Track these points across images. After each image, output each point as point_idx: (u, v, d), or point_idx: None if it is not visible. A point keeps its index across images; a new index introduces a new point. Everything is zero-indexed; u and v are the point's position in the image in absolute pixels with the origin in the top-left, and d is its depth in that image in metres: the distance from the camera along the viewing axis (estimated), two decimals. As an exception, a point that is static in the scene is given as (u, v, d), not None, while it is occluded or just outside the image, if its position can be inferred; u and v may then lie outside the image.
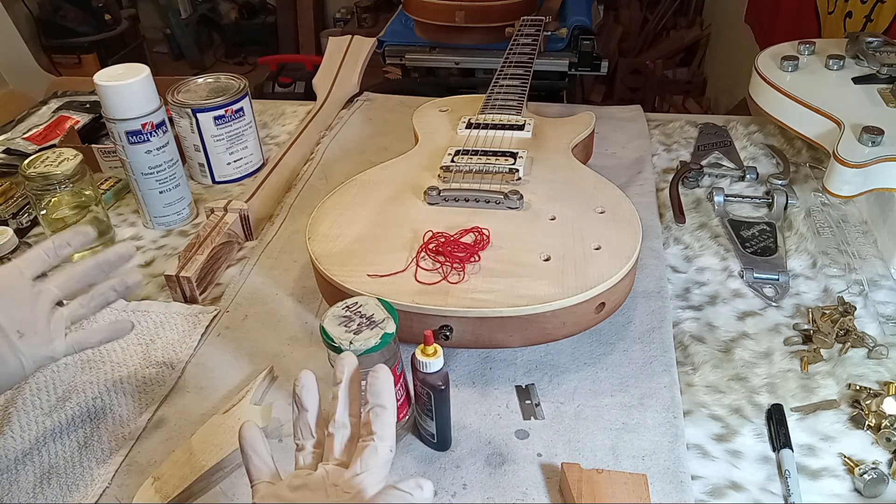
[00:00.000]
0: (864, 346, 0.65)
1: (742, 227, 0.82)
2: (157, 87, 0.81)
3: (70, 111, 1.09)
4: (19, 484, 0.55)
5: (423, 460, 0.57)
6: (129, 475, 0.56)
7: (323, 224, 0.70)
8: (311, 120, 1.06)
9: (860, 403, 0.59)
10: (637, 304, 0.71)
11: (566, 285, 0.61)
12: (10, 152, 1.01)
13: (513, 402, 0.61)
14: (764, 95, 0.91)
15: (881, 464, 0.55)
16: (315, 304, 0.73)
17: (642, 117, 1.07)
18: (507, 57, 1.05)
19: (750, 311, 0.71)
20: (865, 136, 0.74)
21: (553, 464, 0.56)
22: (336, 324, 0.51)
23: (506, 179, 0.75)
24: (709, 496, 0.54)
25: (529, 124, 0.86)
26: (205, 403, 0.62)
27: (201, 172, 0.95)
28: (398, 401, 0.55)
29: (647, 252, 0.77)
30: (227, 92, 0.92)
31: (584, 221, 0.69)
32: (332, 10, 3.57)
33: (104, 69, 0.79)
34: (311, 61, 2.49)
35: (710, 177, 0.92)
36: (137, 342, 0.68)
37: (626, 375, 0.63)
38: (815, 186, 0.89)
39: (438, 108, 0.93)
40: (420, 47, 1.75)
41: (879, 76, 0.87)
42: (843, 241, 0.80)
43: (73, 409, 0.61)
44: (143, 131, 0.80)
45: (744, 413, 0.60)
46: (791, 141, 0.98)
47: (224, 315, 0.72)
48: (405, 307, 0.60)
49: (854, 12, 1.33)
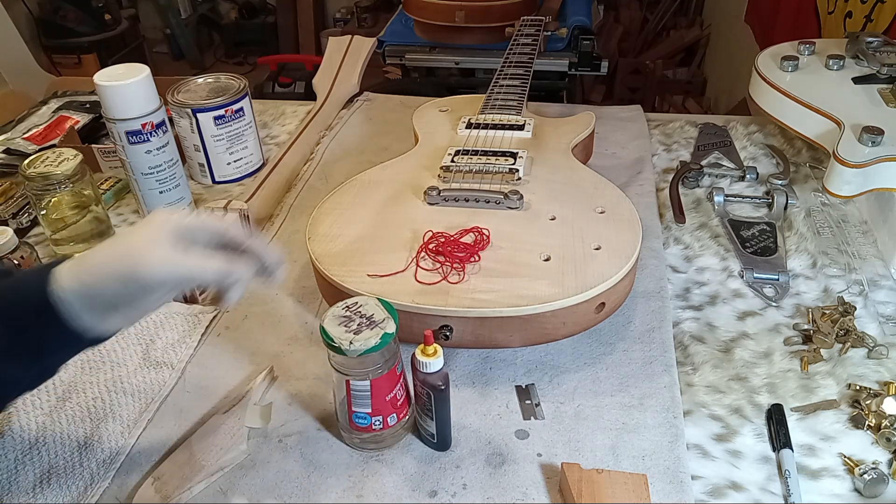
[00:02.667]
0: (864, 346, 0.65)
1: (742, 227, 0.82)
2: (157, 87, 0.81)
3: (70, 111, 1.09)
4: (19, 484, 0.55)
5: (423, 460, 0.57)
6: (129, 475, 0.56)
7: (323, 224, 0.70)
8: (311, 120, 1.06)
9: (860, 403, 0.59)
10: (637, 304, 0.71)
11: (566, 285, 0.61)
12: (10, 152, 1.01)
13: (513, 402, 0.61)
14: (764, 95, 0.91)
15: (881, 464, 0.55)
16: (315, 304, 0.73)
17: (642, 117, 1.07)
18: (507, 57, 1.05)
19: (750, 311, 0.71)
20: (865, 136, 0.74)
21: (553, 464, 0.56)
22: (336, 324, 0.51)
23: (506, 179, 0.75)
24: (709, 496, 0.54)
25: (529, 124, 0.86)
26: (205, 403, 0.62)
27: (201, 172, 0.95)
28: (398, 401, 0.55)
29: (647, 252, 0.77)
30: (227, 92, 0.92)
31: (584, 221, 0.69)
32: (332, 10, 3.57)
33: (104, 69, 0.79)
34: (311, 61, 2.49)
35: (710, 177, 0.92)
36: (137, 342, 0.68)
37: (626, 375, 0.63)
38: (815, 186, 0.89)
39: (438, 108, 0.93)
40: (420, 47, 1.75)
41: (879, 76, 0.87)
42: (843, 241, 0.80)
43: (73, 409, 0.61)
44: (143, 131, 0.80)
45: (744, 413, 0.60)
46: (791, 141, 0.98)
47: (224, 315, 0.72)
48: (405, 307, 0.60)
49: (854, 12, 1.33)
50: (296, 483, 0.55)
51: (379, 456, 0.57)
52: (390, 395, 0.54)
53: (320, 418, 0.60)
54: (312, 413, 0.61)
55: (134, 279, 0.45)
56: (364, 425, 0.55)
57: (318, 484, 0.55)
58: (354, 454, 0.57)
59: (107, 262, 0.46)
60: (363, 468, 0.56)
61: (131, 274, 0.45)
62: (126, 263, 0.45)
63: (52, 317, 0.45)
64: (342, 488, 0.54)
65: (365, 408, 0.54)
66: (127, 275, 0.45)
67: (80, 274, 0.45)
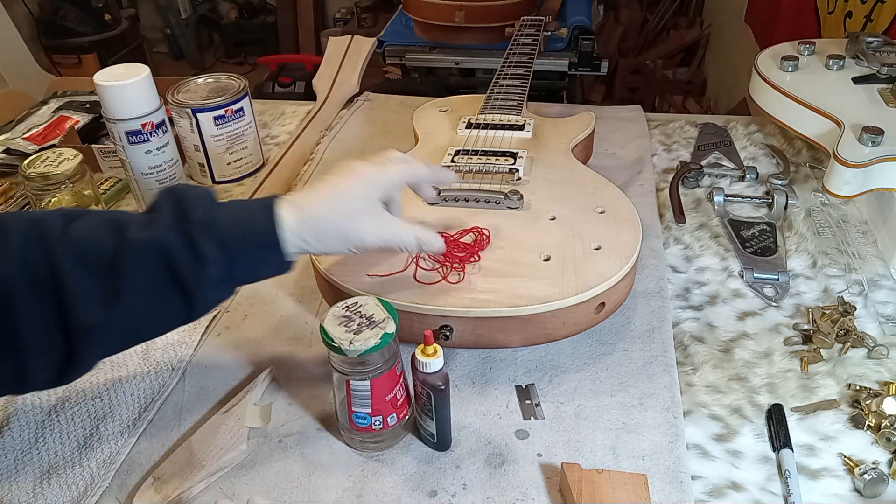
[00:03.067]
0: (864, 346, 0.65)
1: (742, 227, 0.82)
2: (157, 87, 0.81)
3: (70, 111, 1.09)
4: (19, 484, 0.55)
5: (423, 460, 0.57)
6: (129, 475, 0.56)
7: (323, 224, 0.70)
8: (311, 120, 1.06)
9: (860, 403, 0.59)
10: (637, 304, 0.71)
11: (566, 285, 0.61)
12: (10, 152, 1.01)
13: (513, 402, 0.61)
14: (764, 95, 0.91)
15: (881, 464, 0.55)
16: (315, 304, 0.73)
17: (642, 117, 1.07)
18: (507, 57, 1.05)
19: (750, 311, 0.71)
20: (865, 136, 0.74)
21: (553, 464, 0.56)
22: (336, 324, 0.51)
23: (506, 179, 0.75)
24: (709, 496, 0.54)
25: (529, 124, 0.86)
26: (205, 403, 0.62)
27: (201, 172, 0.95)
28: (398, 401, 0.55)
29: (647, 252, 0.77)
30: (227, 92, 0.92)
31: (584, 221, 0.69)
32: (332, 10, 3.57)
33: (104, 69, 0.79)
34: (311, 61, 2.49)
35: (710, 177, 0.92)
36: (137, 342, 0.68)
37: (626, 375, 0.63)
38: (815, 186, 0.89)
39: (438, 108, 0.93)
40: (420, 47, 1.75)
41: (879, 76, 0.87)
42: (843, 241, 0.80)
43: (73, 409, 0.61)
44: (143, 131, 0.80)
45: (744, 413, 0.60)
46: (791, 141, 0.98)
47: (224, 315, 0.72)
48: (405, 307, 0.60)
49: (854, 12, 1.33)
50: (296, 483, 0.55)
51: (379, 456, 0.57)
52: (390, 395, 0.54)
53: (320, 418, 0.60)
54: (312, 413, 0.61)
55: (351, 242, 0.54)
56: (364, 425, 0.55)
57: (318, 484, 0.55)
58: (354, 454, 0.57)
59: (330, 229, 0.53)
60: (363, 468, 0.56)
61: (349, 239, 0.54)
62: (345, 230, 0.54)
63: (271, 254, 0.51)
64: (342, 488, 0.54)
65: (365, 408, 0.54)
66: (345, 238, 0.54)
67: (305, 233, 0.52)
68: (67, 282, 0.45)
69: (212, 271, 0.49)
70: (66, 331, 0.46)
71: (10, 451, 0.58)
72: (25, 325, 0.45)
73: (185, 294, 0.49)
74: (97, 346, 0.48)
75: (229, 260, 0.49)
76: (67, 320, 0.46)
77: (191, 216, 0.49)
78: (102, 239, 0.47)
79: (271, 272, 0.53)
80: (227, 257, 0.49)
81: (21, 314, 0.45)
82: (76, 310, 0.46)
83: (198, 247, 0.48)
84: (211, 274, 0.49)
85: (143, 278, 0.47)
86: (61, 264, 0.46)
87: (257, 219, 0.51)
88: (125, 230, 0.48)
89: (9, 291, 0.45)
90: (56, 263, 0.46)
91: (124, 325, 0.48)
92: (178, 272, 0.48)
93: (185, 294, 0.49)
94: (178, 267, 0.48)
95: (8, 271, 0.45)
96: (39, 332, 0.46)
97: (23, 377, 0.47)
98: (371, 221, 0.55)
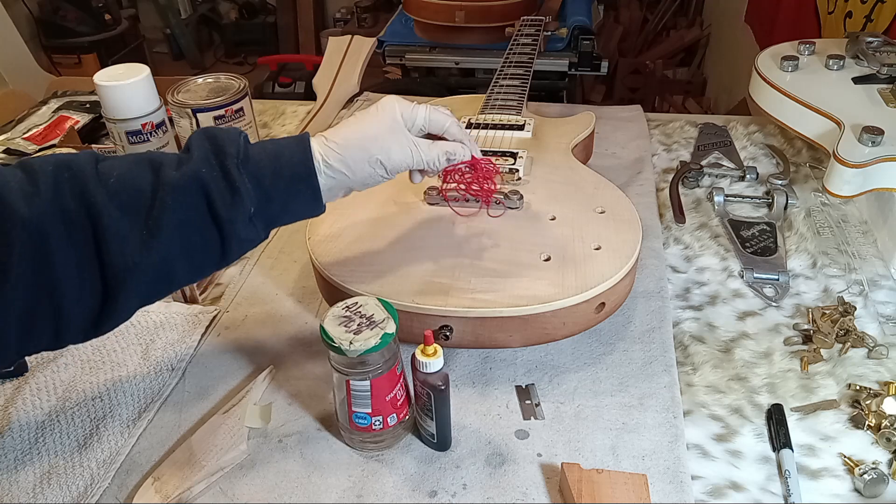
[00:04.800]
0: (864, 346, 0.65)
1: (742, 227, 0.82)
2: (157, 87, 0.81)
3: (70, 111, 1.09)
4: (19, 484, 0.55)
5: (423, 460, 0.57)
6: (129, 475, 0.56)
7: (323, 224, 0.70)
8: (311, 120, 1.06)
9: (860, 403, 0.59)
10: (637, 304, 0.71)
11: (566, 285, 0.61)
12: (10, 152, 1.01)
13: (513, 402, 0.61)
14: (764, 95, 0.91)
15: (881, 464, 0.55)
16: (315, 304, 0.73)
17: (642, 117, 1.07)
18: (507, 57, 1.05)
19: (750, 311, 0.71)
20: (865, 136, 0.74)
21: (553, 464, 0.56)
22: (336, 324, 0.51)
23: (506, 179, 0.75)
24: (709, 496, 0.54)
25: (529, 124, 0.86)
26: (205, 403, 0.62)
27: (201, 172, 0.95)
28: (398, 401, 0.55)
29: (647, 252, 0.77)
30: (227, 92, 0.92)
31: (584, 221, 0.69)
32: (332, 10, 3.57)
33: (104, 69, 0.79)
34: (311, 61, 2.49)
35: (710, 177, 0.92)
36: (137, 342, 0.68)
37: (626, 375, 0.63)
38: (815, 186, 0.89)
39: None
40: (420, 47, 1.75)
41: (879, 76, 0.87)
42: (843, 241, 0.80)
43: (73, 409, 0.61)
44: (143, 131, 0.80)
45: (744, 413, 0.60)
46: (791, 141, 0.98)
47: (224, 315, 0.72)
48: (405, 307, 0.60)
49: (854, 12, 1.33)
50: (296, 483, 0.55)
51: (379, 456, 0.57)
52: (390, 396, 0.54)
53: (320, 418, 0.60)
54: (312, 413, 0.61)
55: (380, 161, 0.55)
56: (364, 425, 0.55)
57: (318, 484, 0.55)
58: (354, 454, 0.57)
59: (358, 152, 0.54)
60: (363, 468, 0.56)
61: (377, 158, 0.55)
62: (372, 149, 0.55)
63: (307, 186, 0.52)
64: (342, 488, 0.54)
65: (365, 408, 0.54)
66: (373, 158, 0.55)
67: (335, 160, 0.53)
68: (105, 220, 0.45)
69: (247, 204, 0.49)
70: (103, 271, 0.45)
71: (10, 451, 0.58)
72: (61, 266, 0.44)
73: (220, 230, 0.49)
74: (133, 288, 0.47)
75: (264, 196, 0.50)
76: (104, 262, 0.45)
77: (227, 151, 0.49)
78: (138, 176, 0.47)
79: (306, 210, 0.53)
80: (262, 192, 0.50)
81: (56, 254, 0.44)
82: (113, 248, 0.45)
83: (233, 180, 0.48)
84: (246, 208, 0.49)
85: (180, 214, 0.47)
86: (97, 202, 0.45)
87: (291, 152, 0.52)
88: (161, 168, 0.48)
89: (45, 231, 0.44)
90: (91, 202, 0.45)
91: (161, 265, 0.47)
92: (214, 206, 0.48)
93: (220, 230, 0.49)
94: (214, 200, 0.48)
95: (41, 211, 0.44)
96: (75, 274, 0.45)
97: (58, 326, 0.46)
98: (397, 139, 0.56)
